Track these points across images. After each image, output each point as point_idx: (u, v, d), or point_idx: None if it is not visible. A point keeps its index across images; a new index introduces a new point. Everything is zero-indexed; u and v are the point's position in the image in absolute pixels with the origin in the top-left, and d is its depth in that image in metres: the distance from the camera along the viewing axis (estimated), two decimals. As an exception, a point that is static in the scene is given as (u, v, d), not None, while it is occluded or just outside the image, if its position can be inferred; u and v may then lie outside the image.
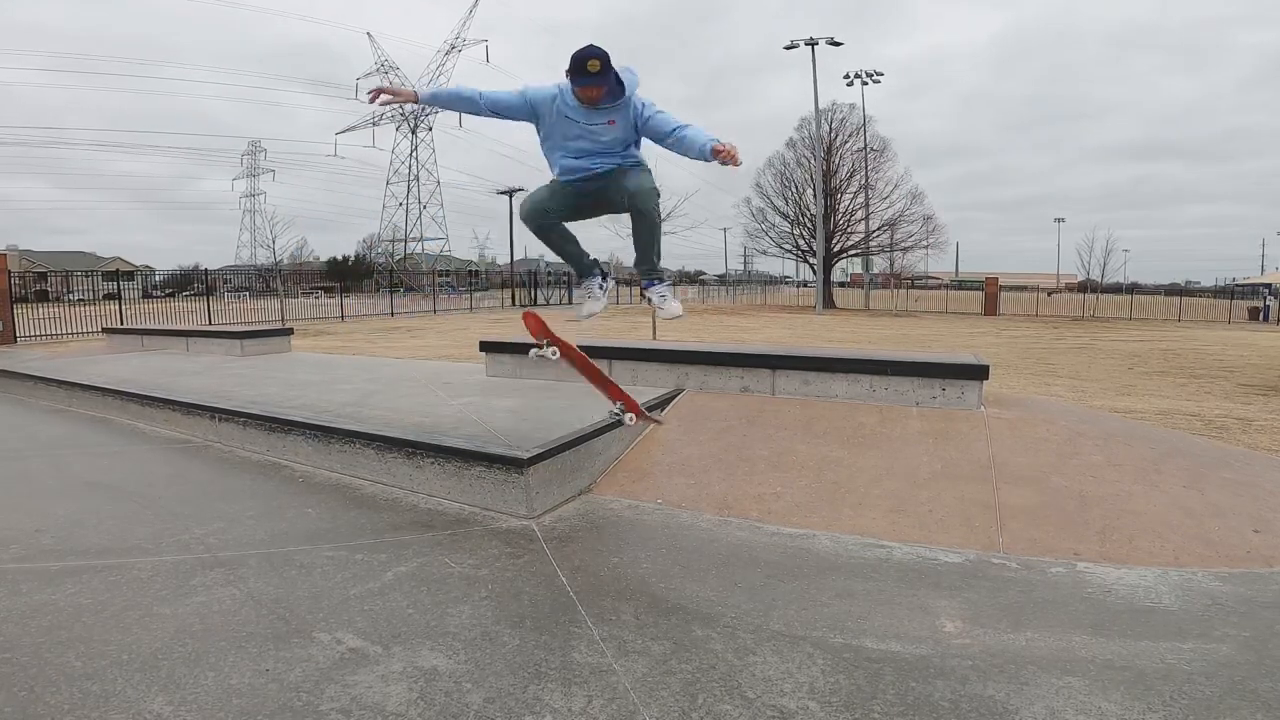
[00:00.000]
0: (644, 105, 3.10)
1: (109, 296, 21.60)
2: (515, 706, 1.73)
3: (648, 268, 3.41)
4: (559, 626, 2.14)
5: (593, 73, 2.88)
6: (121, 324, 15.22)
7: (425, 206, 73.76)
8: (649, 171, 3.25)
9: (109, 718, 1.68)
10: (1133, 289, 45.38)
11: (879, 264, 44.58)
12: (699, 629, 2.13)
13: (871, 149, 38.84)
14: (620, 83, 2.96)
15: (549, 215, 3.33)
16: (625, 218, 3.32)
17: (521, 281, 40.43)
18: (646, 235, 3.28)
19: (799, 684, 1.82)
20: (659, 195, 3.27)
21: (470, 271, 52.02)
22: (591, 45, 2.86)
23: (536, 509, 3.17)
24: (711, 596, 2.36)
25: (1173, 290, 38.46)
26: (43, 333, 15.52)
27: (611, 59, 2.88)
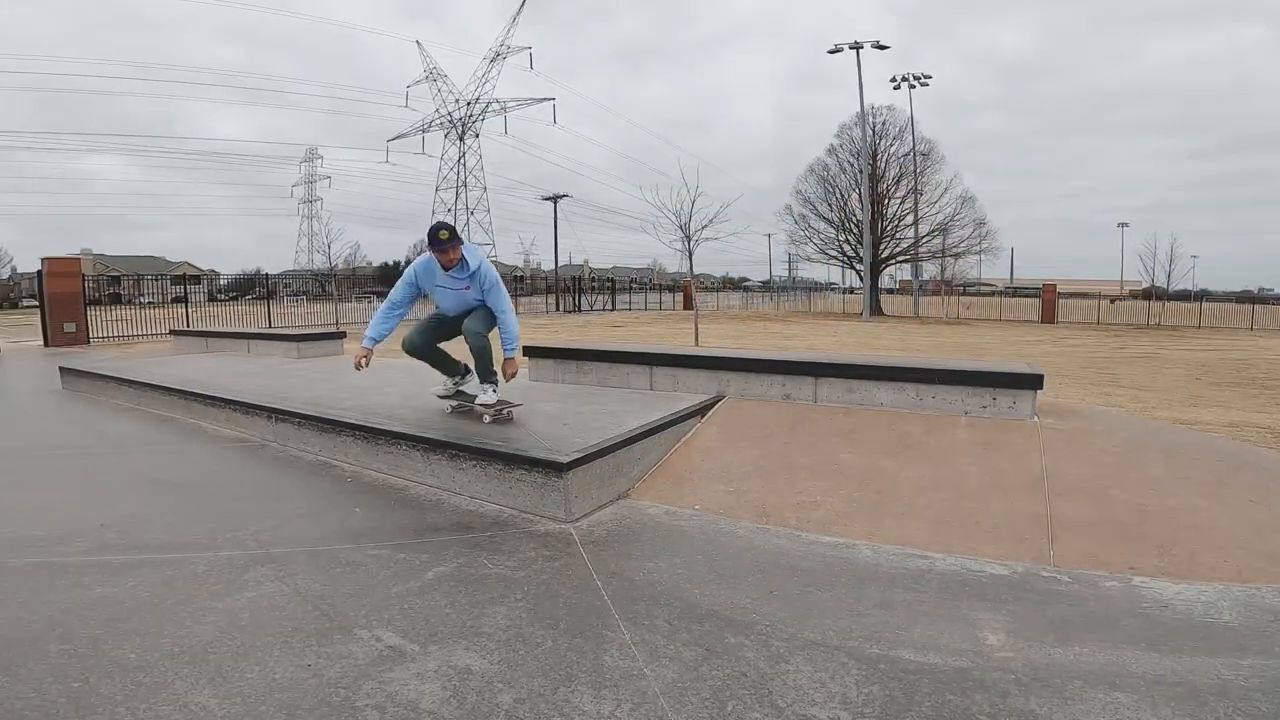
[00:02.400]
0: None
1: (177, 300, 22.62)
2: (545, 708, 1.74)
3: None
4: (592, 630, 2.15)
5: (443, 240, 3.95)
6: (188, 326, 15.88)
7: (473, 212, 75.15)
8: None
9: (158, 709, 1.74)
10: (1202, 296, 43.33)
11: (929, 270, 43.49)
12: (732, 636, 2.11)
13: (920, 152, 38.00)
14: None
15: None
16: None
17: (566, 287, 40.79)
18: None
19: (831, 694, 1.79)
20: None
21: (515, 277, 52.73)
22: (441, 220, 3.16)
23: (574, 513, 3.19)
24: (746, 604, 2.34)
25: (1244, 298, 36.58)
26: (114, 334, 16.30)
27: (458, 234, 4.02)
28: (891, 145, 38.72)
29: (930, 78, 37.33)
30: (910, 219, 38.36)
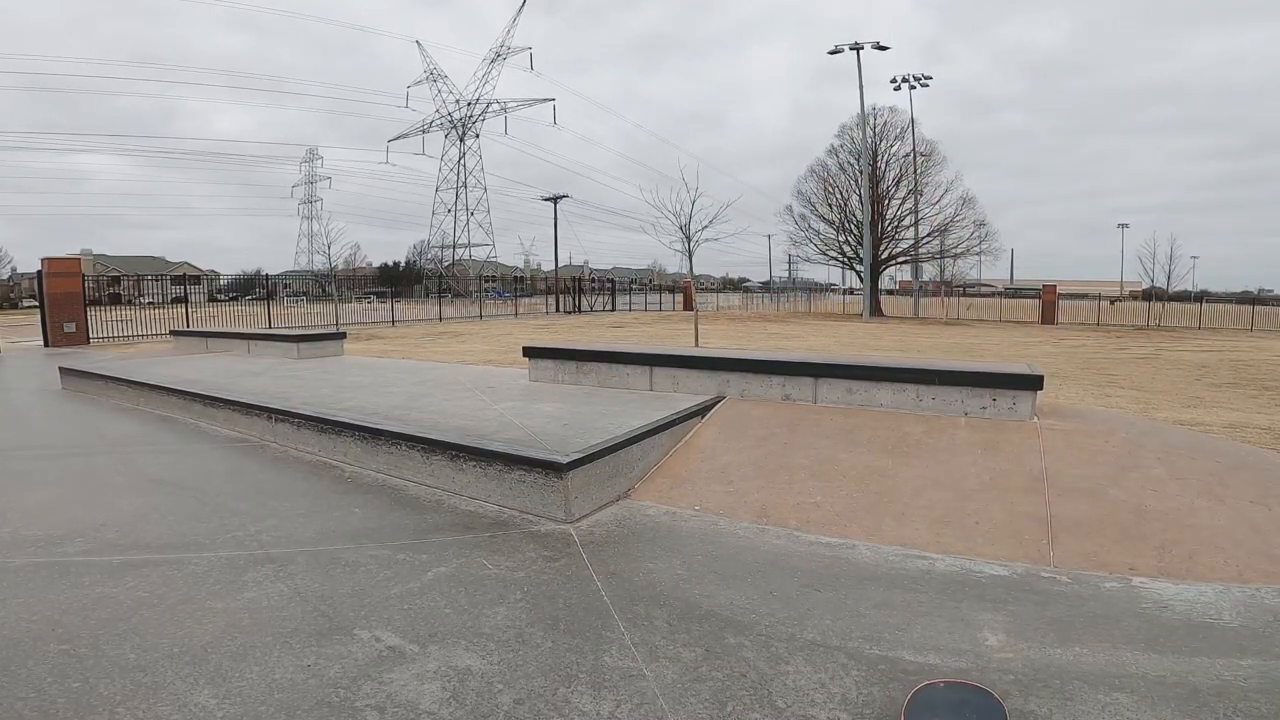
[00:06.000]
0: None
1: (177, 300, 22.66)
2: (544, 708, 1.74)
3: None
4: (591, 630, 2.15)
5: None
6: (188, 326, 15.88)
7: (473, 213, 75.07)
8: None
9: (157, 709, 1.74)
10: (1202, 297, 43.38)
11: (929, 271, 43.46)
12: (731, 636, 2.11)
13: (920, 153, 38.00)
14: None
15: None
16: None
17: (566, 288, 40.79)
18: None
19: (831, 694, 1.79)
20: None
21: (515, 277, 52.70)
22: None
23: (574, 513, 3.19)
24: (746, 604, 2.34)
25: (1244, 298, 36.60)
26: (114, 334, 16.31)
27: None
28: (892, 146, 38.78)
29: (930, 78, 37.33)
30: (910, 220, 38.38)
